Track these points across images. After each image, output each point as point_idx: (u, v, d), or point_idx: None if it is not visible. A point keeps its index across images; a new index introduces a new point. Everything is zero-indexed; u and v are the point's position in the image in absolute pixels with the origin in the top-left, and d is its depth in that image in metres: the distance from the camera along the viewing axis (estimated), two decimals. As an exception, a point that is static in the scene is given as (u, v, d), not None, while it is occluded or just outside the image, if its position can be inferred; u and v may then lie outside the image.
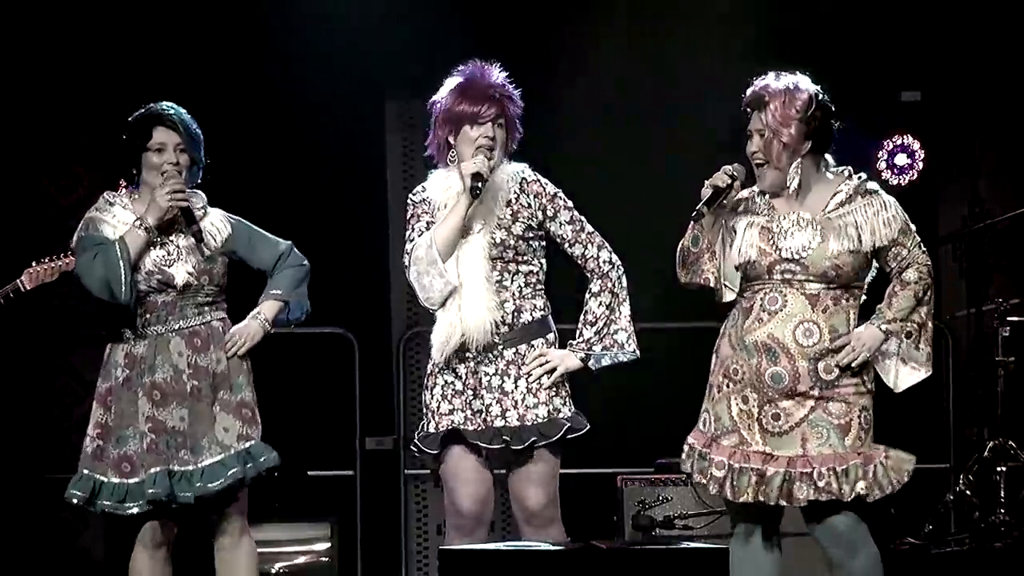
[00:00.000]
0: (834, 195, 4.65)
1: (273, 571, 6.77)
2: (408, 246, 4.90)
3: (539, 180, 4.95)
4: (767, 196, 4.70)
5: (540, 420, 4.81)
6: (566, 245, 4.94)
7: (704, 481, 4.67)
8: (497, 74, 4.94)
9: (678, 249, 4.74)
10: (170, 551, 5.02)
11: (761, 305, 4.63)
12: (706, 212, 4.63)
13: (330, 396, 10.56)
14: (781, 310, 4.60)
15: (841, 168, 4.73)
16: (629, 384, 7.45)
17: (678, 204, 4.97)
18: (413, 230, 4.90)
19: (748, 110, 4.69)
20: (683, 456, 4.74)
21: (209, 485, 4.86)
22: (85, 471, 4.94)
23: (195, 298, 4.97)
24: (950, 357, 8.37)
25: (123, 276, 4.84)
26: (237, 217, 5.16)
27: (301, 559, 7.01)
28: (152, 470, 4.85)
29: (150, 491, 4.83)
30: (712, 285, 4.70)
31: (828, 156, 4.73)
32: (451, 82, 4.94)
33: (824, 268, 4.58)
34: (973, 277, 8.64)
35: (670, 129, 8.61)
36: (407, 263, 4.88)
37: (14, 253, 6.33)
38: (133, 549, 5.01)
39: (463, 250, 4.82)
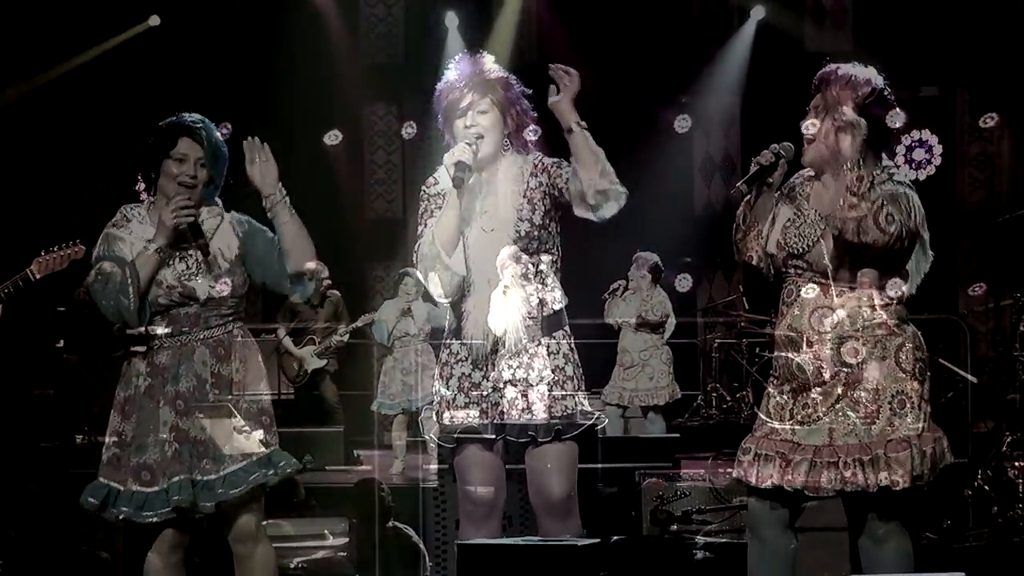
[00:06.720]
0: (855, 192, 4.56)
1: (292, 566, 6.78)
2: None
3: (544, 158, 4.86)
4: (807, 187, 4.66)
5: (567, 412, 4.78)
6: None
7: (734, 473, 4.66)
8: (483, 62, 4.87)
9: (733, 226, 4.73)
10: (184, 557, 5.01)
11: (781, 299, 4.66)
12: (745, 190, 4.59)
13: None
14: (795, 301, 4.60)
15: (885, 165, 4.63)
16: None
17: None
18: (426, 226, 4.85)
19: (814, 89, 4.64)
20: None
21: (231, 492, 4.83)
22: (101, 479, 4.92)
23: (219, 309, 4.93)
24: (968, 351, 8.36)
25: (132, 305, 4.81)
26: (250, 222, 5.05)
27: (319, 554, 7.03)
28: (175, 479, 4.83)
29: (175, 498, 4.81)
30: (757, 264, 4.67)
31: (885, 157, 4.65)
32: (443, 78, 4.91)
33: (823, 267, 4.56)
34: (991, 272, 8.64)
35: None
36: (415, 260, 4.86)
37: (35, 245, 6.35)
38: (148, 553, 5.00)
39: (489, 247, 4.77)
